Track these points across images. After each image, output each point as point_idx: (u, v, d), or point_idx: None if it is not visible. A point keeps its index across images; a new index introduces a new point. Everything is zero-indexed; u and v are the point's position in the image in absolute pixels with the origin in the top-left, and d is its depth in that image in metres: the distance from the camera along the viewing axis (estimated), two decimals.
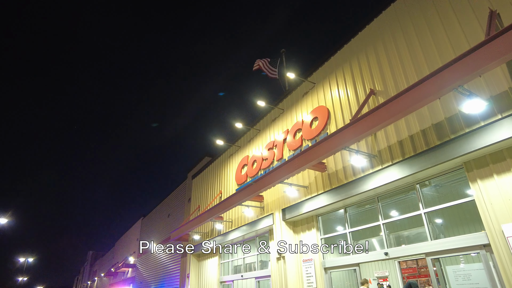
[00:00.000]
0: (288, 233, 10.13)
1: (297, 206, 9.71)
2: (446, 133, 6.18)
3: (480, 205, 5.67)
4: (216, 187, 15.82)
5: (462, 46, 6.30)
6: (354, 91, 8.83)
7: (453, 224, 8.65)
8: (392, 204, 8.33)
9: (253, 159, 12.76)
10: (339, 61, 9.73)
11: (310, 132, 9.86)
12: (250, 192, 9.98)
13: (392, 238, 8.22)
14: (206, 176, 17.51)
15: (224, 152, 15.92)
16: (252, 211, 11.64)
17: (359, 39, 9.15)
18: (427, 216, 6.78)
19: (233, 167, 14.56)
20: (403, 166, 6.80)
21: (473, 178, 5.86)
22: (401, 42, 7.77)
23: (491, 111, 5.56)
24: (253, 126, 13.58)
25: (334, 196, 8.45)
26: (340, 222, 9.50)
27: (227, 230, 13.47)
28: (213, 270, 14.75)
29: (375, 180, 7.36)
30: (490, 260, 5.63)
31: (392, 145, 7.29)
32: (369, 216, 8.55)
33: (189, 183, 20.43)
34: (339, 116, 9.12)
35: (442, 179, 6.93)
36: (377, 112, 6.12)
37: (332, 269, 8.86)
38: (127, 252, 34.17)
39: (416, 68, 7.19)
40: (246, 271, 12.83)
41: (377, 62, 8.32)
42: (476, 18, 6.24)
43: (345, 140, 6.78)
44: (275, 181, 8.88)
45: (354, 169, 8.08)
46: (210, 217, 12.45)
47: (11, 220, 23.24)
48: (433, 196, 7.36)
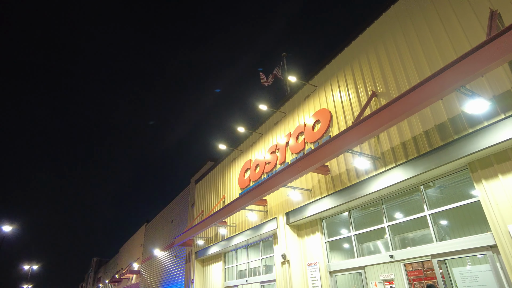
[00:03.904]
0: (292, 237, 10.09)
1: (301, 210, 9.68)
2: (449, 134, 6.16)
3: (486, 205, 5.63)
4: (219, 192, 15.81)
5: (463, 46, 6.30)
6: (356, 93, 8.84)
7: (458, 225, 8.58)
8: (397, 206, 8.29)
9: (256, 163, 12.75)
10: (341, 64, 9.75)
11: (313, 135, 9.86)
12: (254, 196, 9.96)
13: (397, 240, 8.16)
14: (209, 181, 17.51)
15: (227, 156, 15.93)
16: (255, 215, 11.61)
17: (360, 41, 9.17)
18: (432, 218, 6.73)
19: (236, 172, 14.55)
20: (407, 167, 6.77)
21: (478, 179, 5.83)
22: (402, 43, 7.78)
23: (494, 111, 5.53)
24: (256, 130, 13.59)
25: (338, 199, 8.42)
26: (344, 225, 9.45)
27: (231, 235, 13.43)
28: (218, 275, 14.69)
29: (379, 182, 7.33)
30: (497, 261, 5.58)
31: (395, 146, 7.27)
32: (374, 219, 8.50)
33: (192, 188, 20.43)
34: (341, 118, 9.12)
35: (446, 180, 6.88)
36: (380, 114, 6.11)
37: (337, 272, 8.80)
38: (131, 258, 34.12)
39: (418, 69, 7.19)
40: (250, 275, 12.77)
41: (379, 64, 8.33)
42: (477, 18, 6.24)
43: (348, 143, 6.77)
44: (278, 185, 8.87)
45: (358, 171, 8.06)
46: (213, 222, 12.42)
47: (15, 227, 23.35)
48: (437, 197, 7.31)
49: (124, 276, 33.41)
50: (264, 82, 14.51)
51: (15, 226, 23.42)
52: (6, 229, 23.31)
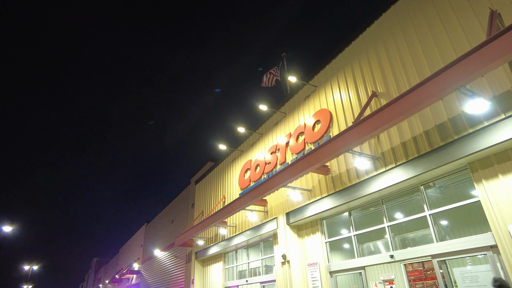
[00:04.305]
0: (293, 237, 10.09)
1: (301, 210, 9.68)
2: (450, 134, 6.15)
3: (486, 206, 5.63)
4: (220, 192, 15.81)
5: (463, 46, 6.30)
6: (356, 94, 8.84)
7: (459, 225, 8.58)
8: (397, 206, 8.28)
9: (256, 163, 12.75)
10: (341, 64, 9.75)
11: (313, 135, 9.86)
12: (254, 196, 9.96)
13: (397, 240, 8.16)
14: (209, 181, 17.51)
15: (227, 156, 15.93)
16: (256, 215, 11.61)
17: (360, 41, 9.17)
18: (432, 218, 6.73)
19: (236, 172, 14.55)
20: (407, 167, 6.77)
21: (478, 179, 5.83)
22: (402, 44, 7.78)
23: (494, 111, 5.53)
24: (256, 130, 13.59)
25: (338, 199, 8.42)
26: (344, 225, 9.45)
27: (231, 235, 13.43)
28: (218, 275, 14.69)
29: (379, 182, 7.32)
30: (497, 261, 5.57)
31: (395, 146, 7.27)
32: (374, 219, 8.50)
33: (192, 188, 20.44)
34: (341, 118, 9.12)
35: (446, 180, 6.88)
36: (380, 114, 6.11)
37: (338, 272, 8.80)
38: (132, 258, 34.13)
39: (418, 70, 7.19)
40: (250, 276, 12.76)
41: (379, 64, 8.33)
42: (477, 19, 6.24)
43: (348, 143, 6.77)
44: (278, 185, 8.87)
45: (358, 171, 8.05)
46: (214, 222, 12.43)
47: (15, 228, 23.36)
48: (437, 197, 7.31)
49: (124, 277, 33.41)
50: (265, 84, 14.51)
51: (15, 226, 23.43)
52: (6, 229, 23.31)
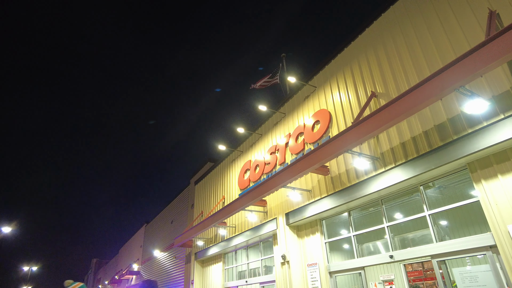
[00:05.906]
0: (292, 237, 10.09)
1: (301, 210, 9.68)
2: (449, 134, 6.16)
3: (485, 206, 5.63)
4: (219, 193, 15.80)
5: (462, 46, 6.31)
6: (356, 94, 8.84)
7: (458, 225, 8.58)
8: (396, 206, 8.29)
9: (255, 164, 12.75)
10: (340, 64, 9.75)
11: (312, 136, 9.86)
12: (253, 197, 9.96)
13: (397, 240, 8.16)
14: (209, 182, 17.50)
15: (227, 157, 15.92)
16: (255, 216, 11.61)
17: (360, 41, 9.18)
18: (431, 218, 6.73)
19: (235, 172, 14.55)
20: (406, 168, 6.77)
21: (477, 179, 5.83)
22: (401, 44, 7.79)
23: (493, 111, 5.54)
24: (255, 130, 13.60)
25: (337, 199, 8.42)
26: (344, 226, 9.45)
27: (231, 236, 13.42)
28: (217, 276, 14.68)
29: (379, 183, 7.33)
30: (497, 261, 5.58)
31: (394, 147, 7.27)
32: (373, 219, 8.50)
33: (191, 189, 20.43)
34: (341, 119, 9.12)
35: (446, 180, 6.89)
36: (379, 114, 6.12)
37: (337, 273, 8.80)
38: (131, 259, 34.10)
39: (417, 70, 7.20)
40: (250, 276, 12.76)
41: (378, 65, 8.33)
42: (476, 19, 6.25)
43: (348, 143, 6.77)
44: (278, 185, 8.86)
45: (357, 172, 8.06)
46: (213, 222, 12.42)
47: (14, 229, 23.31)
48: (437, 197, 7.31)
49: (124, 277, 33.37)
50: (254, 87, 14.59)
51: (14, 226, 23.39)
52: (6, 230, 23.27)
